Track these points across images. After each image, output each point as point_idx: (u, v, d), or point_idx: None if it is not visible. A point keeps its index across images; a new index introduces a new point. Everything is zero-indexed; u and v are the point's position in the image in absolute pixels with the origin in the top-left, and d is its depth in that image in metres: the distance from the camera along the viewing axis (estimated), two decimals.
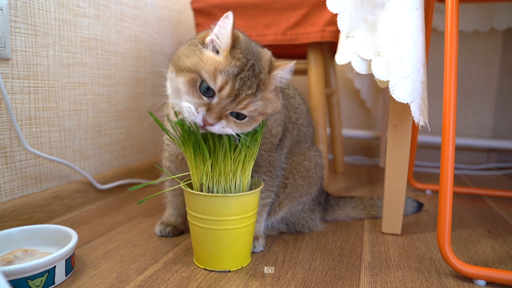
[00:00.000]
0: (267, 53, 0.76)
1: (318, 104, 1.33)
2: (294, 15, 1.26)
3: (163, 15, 1.55)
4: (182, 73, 0.70)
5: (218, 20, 0.69)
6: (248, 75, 0.68)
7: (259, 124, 0.76)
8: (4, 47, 0.90)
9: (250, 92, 0.69)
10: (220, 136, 0.74)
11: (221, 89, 0.67)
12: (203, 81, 0.68)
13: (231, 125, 0.71)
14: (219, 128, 0.70)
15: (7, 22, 0.90)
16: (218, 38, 0.69)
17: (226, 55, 0.68)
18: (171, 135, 0.79)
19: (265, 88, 0.72)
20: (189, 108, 0.69)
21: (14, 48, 0.93)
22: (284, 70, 0.73)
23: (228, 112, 0.70)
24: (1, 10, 0.88)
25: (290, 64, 0.73)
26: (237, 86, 0.67)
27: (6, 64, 0.92)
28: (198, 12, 1.36)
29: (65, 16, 1.07)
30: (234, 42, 0.69)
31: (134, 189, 0.87)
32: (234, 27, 0.68)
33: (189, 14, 1.75)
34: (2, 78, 0.90)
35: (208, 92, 0.68)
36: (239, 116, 0.71)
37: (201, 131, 0.72)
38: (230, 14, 0.67)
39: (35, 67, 0.99)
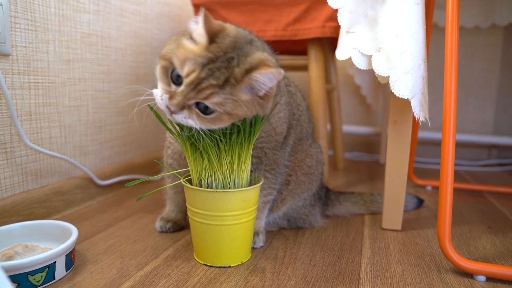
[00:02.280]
0: (260, 55, 0.70)
1: (318, 100, 1.32)
2: (294, 10, 1.26)
3: (163, 11, 1.55)
4: (159, 60, 0.72)
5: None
6: (218, 67, 0.67)
7: (254, 120, 0.73)
8: (4, 43, 0.89)
9: (215, 82, 0.66)
10: (211, 131, 0.73)
11: (186, 76, 0.67)
12: (174, 68, 0.69)
13: (193, 117, 0.69)
14: (181, 117, 0.69)
15: (7, 18, 0.90)
16: (199, 34, 0.69)
17: (201, 48, 0.68)
18: (170, 129, 0.79)
19: (236, 84, 0.67)
20: (156, 94, 0.71)
21: (14, 44, 0.93)
22: (262, 73, 0.67)
23: (192, 102, 0.68)
24: (1, 5, 0.88)
25: (272, 70, 0.66)
26: (202, 75, 0.66)
27: (6, 59, 0.91)
28: (198, 8, 1.35)
29: (65, 11, 1.07)
30: (213, 37, 0.68)
31: (131, 185, 0.86)
32: (207, 23, 0.67)
33: (189, 10, 1.74)
34: (2, 74, 0.90)
35: (178, 80, 0.69)
36: (206, 111, 0.69)
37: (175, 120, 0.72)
38: (201, 12, 0.67)
39: (35, 62, 0.99)
